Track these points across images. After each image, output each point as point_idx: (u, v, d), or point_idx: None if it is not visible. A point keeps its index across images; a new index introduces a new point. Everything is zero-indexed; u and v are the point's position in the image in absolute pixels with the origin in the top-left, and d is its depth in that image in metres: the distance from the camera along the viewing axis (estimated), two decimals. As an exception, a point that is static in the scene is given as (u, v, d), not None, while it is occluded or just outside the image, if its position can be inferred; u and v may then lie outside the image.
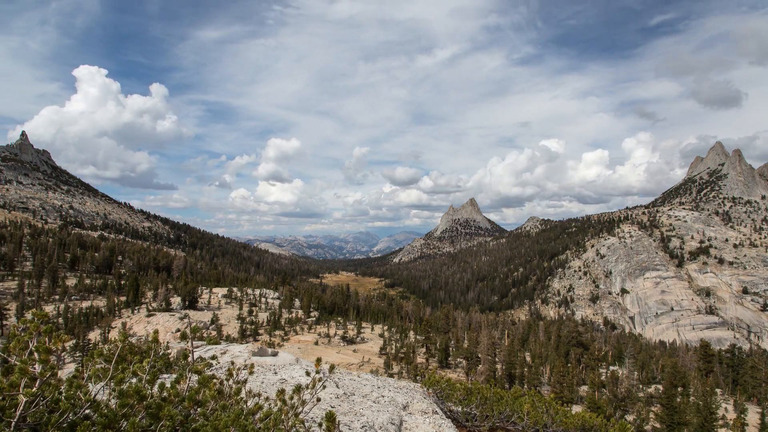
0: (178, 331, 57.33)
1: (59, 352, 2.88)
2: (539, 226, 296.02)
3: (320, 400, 4.63)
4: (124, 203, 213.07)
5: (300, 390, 4.11)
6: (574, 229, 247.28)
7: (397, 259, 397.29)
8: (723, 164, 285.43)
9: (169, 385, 3.28)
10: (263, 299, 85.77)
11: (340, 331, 68.85)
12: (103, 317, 62.61)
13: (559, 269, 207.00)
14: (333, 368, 6.06)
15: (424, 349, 61.79)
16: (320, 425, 3.65)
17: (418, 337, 70.06)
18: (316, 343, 60.27)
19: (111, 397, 3.14)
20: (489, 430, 7.44)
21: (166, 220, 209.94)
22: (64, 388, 2.89)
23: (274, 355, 9.39)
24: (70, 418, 2.70)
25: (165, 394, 3.14)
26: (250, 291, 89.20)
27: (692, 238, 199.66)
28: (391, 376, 45.19)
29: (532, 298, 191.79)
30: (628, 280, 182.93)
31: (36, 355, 2.77)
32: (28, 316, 3.07)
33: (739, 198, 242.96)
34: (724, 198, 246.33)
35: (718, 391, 54.03)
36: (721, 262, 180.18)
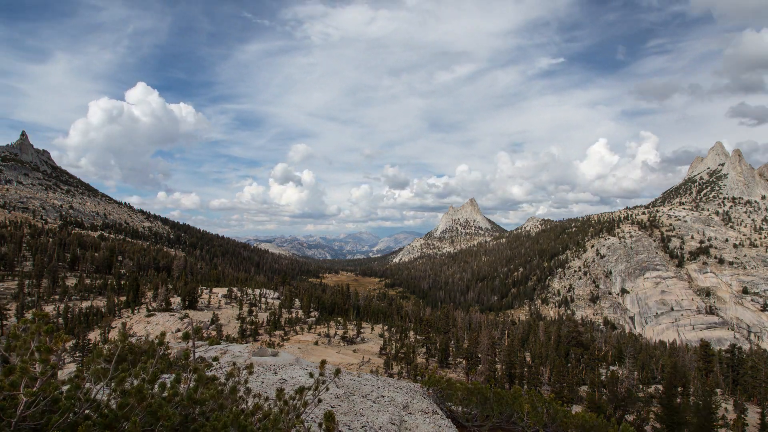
0: (179, 331, 57.31)
1: (60, 352, 2.88)
2: (539, 226, 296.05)
3: (321, 401, 4.64)
4: (124, 203, 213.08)
5: (302, 391, 4.11)
6: (574, 229, 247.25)
7: (397, 259, 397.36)
8: (723, 164, 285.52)
9: (169, 386, 3.28)
10: (263, 299, 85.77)
11: (340, 331, 68.84)
12: (103, 317, 62.58)
13: (559, 269, 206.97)
14: (339, 372, 6.06)
15: (424, 349, 61.78)
16: (320, 425, 3.66)
17: (418, 337, 70.05)
18: (316, 343, 60.27)
19: (111, 397, 3.14)
20: (489, 429, 7.45)
21: (166, 220, 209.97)
22: (64, 389, 2.89)
23: (274, 355, 9.39)
24: (71, 418, 2.71)
25: (165, 394, 3.14)
26: (250, 291, 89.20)
27: (692, 238, 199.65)
28: (391, 376, 45.19)
29: (532, 298, 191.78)
30: (628, 280, 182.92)
31: (37, 354, 2.77)
32: (28, 316, 3.07)
33: (739, 198, 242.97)
34: (724, 198, 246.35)
35: (718, 391, 54.01)
36: (721, 262, 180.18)
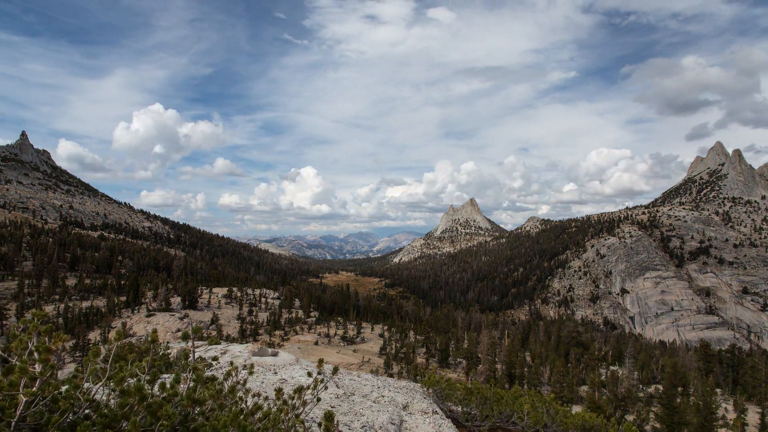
0: (179, 331, 57.30)
1: (59, 352, 2.88)
2: (539, 226, 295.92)
3: (320, 400, 4.63)
4: (124, 203, 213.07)
5: (301, 390, 4.11)
6: (574, 229, 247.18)
7: (397, 259, 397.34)
8: (723, 164, 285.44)
9: (169, 385, 3.27)
10: (263, 299, 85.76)
11: (340, 331, 68.83)
12: (103, 317, 62.59)
13: (559, 269, 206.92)
14: (337, 370, 6.06)
15: (424, 349, 61.77)
16: (320, 425, 3.65)
17: (418, 337, 70.03)
18: (316, 343, 60.27)
19: (111, 397, 3.14)
20: (489, 430, 7.44)
21: (166, 220, 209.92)
22: (64, 388, 2.89)
23: (274, 355, 9.38)
24: (70, 417, 2.70)
25: (165, 394, 3.14)
26: (250, 291, 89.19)
27: (692, 238, 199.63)
28: (391, 376, 45.18)
29: (532, 298, 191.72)
30: (628, 280, 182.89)
31: (36, 354, 2.77)
32: (28, 316, 3.07)
33: (739, 198, 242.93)
34: (724, 198, 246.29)
35: (718, 391, 53.99)
36: (721, 262, 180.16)
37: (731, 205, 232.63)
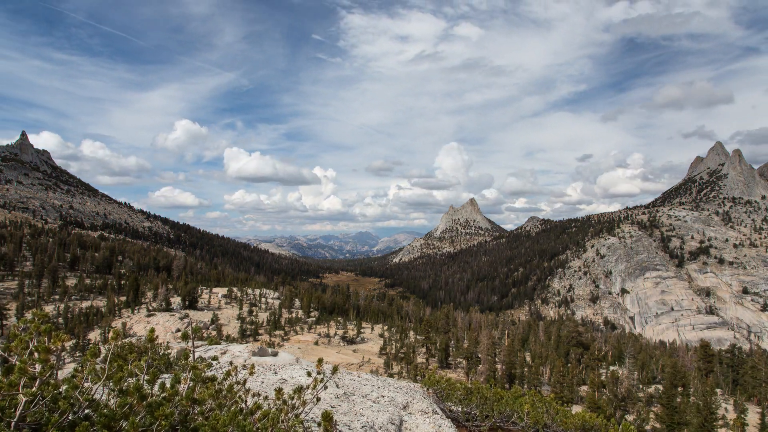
0: (179, 331, 57.32)
1: (59, 352, 2.88)
2: (539, 226, 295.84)
3: (320, 400, 4.64)
4: (124, 203, 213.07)
5: (300, 390, 4.11)
6: (574, 229, 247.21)
7: (397, 259, 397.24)
8: (723, 164, 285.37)
9: (168, 385, 3.28)
10: (263, 299, 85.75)
11: (340, 331, 68.84)
12: (103, 317, 62.62)
13: (559, 269, 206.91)
14: (336, 369, 6.05)
15: (424, 349, 61.78)
16: (319, 425, 3.66)
17: (418, 337, 70.03)
18: (316, 343, 60.29)
19: (111, 396, 3.14)
20: (489, 429, 7.45)
21: (166, 220, 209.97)
22: (64, 388, 2.89)
23: (274, 355, 9.39)
24: (70, 417, 2.71)
25: (165, 394, 3.14)
26: (250, 291, 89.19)
27: (692, 238, 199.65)
28: (391, 376, 45.17)
29: (532, 298, 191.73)
30: (628, 280, 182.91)
31: (36, 354, 2.77)
32: (28, 316, 3.07)
33: (739, 198, 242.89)
34: (724, 198, 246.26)
35: (718, 391, 53.98)
36: (721, 262, 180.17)
37: (731, 205, 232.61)
